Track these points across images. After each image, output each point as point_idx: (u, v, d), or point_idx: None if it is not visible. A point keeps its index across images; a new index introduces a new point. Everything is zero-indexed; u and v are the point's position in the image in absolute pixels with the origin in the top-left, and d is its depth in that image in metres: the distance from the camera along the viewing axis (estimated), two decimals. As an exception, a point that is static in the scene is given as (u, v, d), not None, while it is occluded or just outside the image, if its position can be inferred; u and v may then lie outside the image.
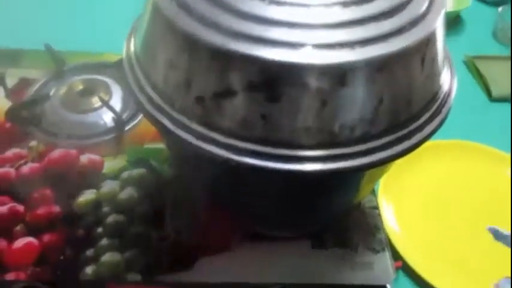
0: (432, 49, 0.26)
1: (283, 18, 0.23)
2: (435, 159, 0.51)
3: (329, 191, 0.32)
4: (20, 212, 0.40)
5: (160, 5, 0.26)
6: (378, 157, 0.26)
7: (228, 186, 0.32)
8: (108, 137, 0.47)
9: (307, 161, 0.25)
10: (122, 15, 0.49)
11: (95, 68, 0.54)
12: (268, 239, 0.40)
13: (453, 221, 0.47)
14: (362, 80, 0.23)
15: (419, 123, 0.27)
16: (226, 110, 0.25)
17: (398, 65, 0.24)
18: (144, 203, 0.42)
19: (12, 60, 0.55)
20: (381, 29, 0.24)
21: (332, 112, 0.24)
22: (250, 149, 0.25)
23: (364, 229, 0.42)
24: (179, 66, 0.25)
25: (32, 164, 0.44)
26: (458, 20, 0.74)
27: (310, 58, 0.23)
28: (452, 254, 0.44)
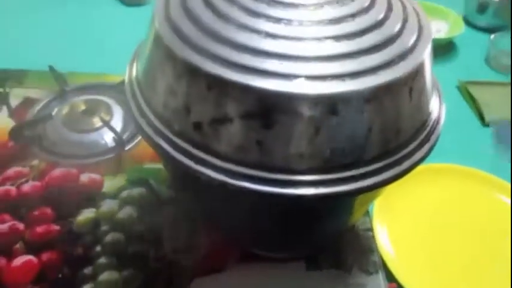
0: (420, 80, 0.27)
1: (278, 50, 0.25)
2: (429, 183, 0.52)
3: (323, 214, 0.33)
4: (19, 230, 0.41)
5: (162, 35, 0.27)
6: (369, 182, 0.27)
7: (224, 209, 0.33)
8: (109, 156, 0.48)
9: (301, 186, 0.26)
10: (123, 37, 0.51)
11: (97, 89, 0.55)
12: (264, 260, 0.40)
13: (447, 244, 0.47)
14: (352, 110, 0.25)
15: (409, 150, 0.28)
16: (223, 135, 0.26)
17: (387, 96, 0.25)
18: (143, 223, 0.43)
19: (16, 80, 0.56)
20: (370, 62, 0.25)
21: (324, 139, 0.25)
22: (246, 174, 0.26)
23: (358, 251, 0.43)
24: (178, 93, 0.27)
25: (32, 183, 0.45)
26: (451, 46, 0.76)
27: (303, 89, 0.24)
28: (446, 276, 0.44)
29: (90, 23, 0.75)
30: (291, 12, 0.26)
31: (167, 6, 0.29)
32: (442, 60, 0.73)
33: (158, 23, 0.28)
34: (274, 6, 0.26)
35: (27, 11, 0.75)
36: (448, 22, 0.77)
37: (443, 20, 0.77)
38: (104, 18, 0.77)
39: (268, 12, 0.26)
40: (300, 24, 0.26)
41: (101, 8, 0.79)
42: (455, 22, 0.76)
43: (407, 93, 0.27)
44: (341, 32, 0.26)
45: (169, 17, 0.28)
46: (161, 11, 0.29)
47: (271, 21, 0.26)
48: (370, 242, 0.43)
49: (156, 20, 0.28)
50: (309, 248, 0.40)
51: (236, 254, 0.41)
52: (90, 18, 0.76)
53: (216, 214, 0.36)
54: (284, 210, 0.31)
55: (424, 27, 0.29)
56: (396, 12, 0.29)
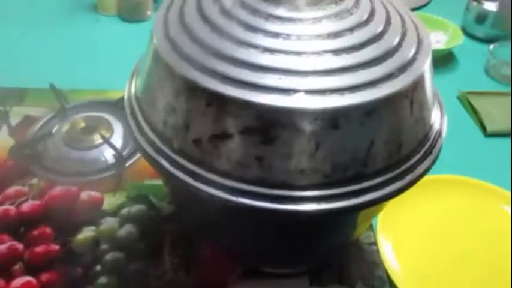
0: (420, 93, 0.27)
1: (277, 65, 0.25)
2: (432, 195, 0.51)
3: (325, 230, 0.32)
4: (19, 251, 0.41)
5: (160, 52, 0.27)
6: (371, 197, 0.26)
7: (225, 225, 0.33)
8: (109, 173, 0.48)
9: (302, 201, 0.25)
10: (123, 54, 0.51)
11: (97, 106, 0.55)
12: (266, 276, 0.40)
13: (453, 256, 0.46)
14: (352, 124, 0.24)
15: (411, 163, 0.28)
16: (223, 152, 0.25)
17: (387, 109, 0.25)
18: (143, 240, 0.42)
19: (16, 98, 0.56)
20: (369, 75, 0.25)
21: (325, 154, 0.25)
22: (247, 190, 0.25)
23: (362, 266, 0.42)
24: (178, 110, 0.26)
25: (32, 202, 0.45)
26: (451, 57, 0.76)
27: (303, 103, 0.24)
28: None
29: (90, 40, 0.76)
30: (289, 27, 0.26)
31: (166, 23, 0.29)
32: (442, 70, 0.73)
33: (157, 40, 0.28)
34: (272, 21, 0.26)
35: (27, 29, 0.76)
36: (447, 33, 0.77)
37: (442, 31, 0.78)
38: (104, 34, 0.77)
39: (266, 27, 0.26)
40: (298, 38, 0.26)
41: (102, 25, 0.80)
42: (454, 33, 0.76)
43: (408, 106, 0.26)
44: (340, 45, 0.26)
45: (168, 34, 0.28)
46: (160, 28, 0.29)
47: (270, 36, 0.26)
48: (375, 256, 0.43)
49: (154, 37, 0.28)
50: (311, 263, 0.40)
51: (238, 270, 0.40)
52: (91, 35, 0.77)
53: (216, 230, 0.35)
54: (286, 226, 0.30)
55: (423, 40, 0.29)
56: (395, 25, 0.29)
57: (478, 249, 0.47)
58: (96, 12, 0.82)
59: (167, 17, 0.29)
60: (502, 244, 0.48)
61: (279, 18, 0.27)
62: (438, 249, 0.47)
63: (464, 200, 0.52)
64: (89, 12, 0.82)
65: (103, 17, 0.81)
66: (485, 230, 0.49)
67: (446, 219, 0.50)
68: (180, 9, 0.29)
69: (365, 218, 0.35)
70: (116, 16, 0.82)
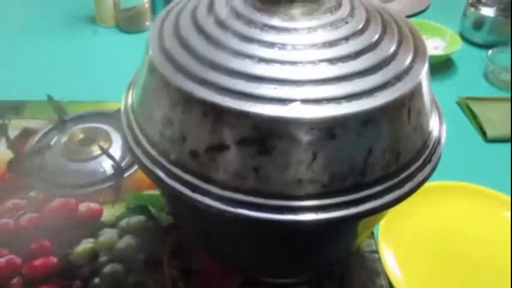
0: (418, 101, 0.27)
1: (272, 75, 0.24)
2: (433, 201, 0.51)
3: (325, 239, 0.32)
4: (17, 264, 0.40)
5: (155, 63, 0.27)
6: (370, 206, 0.26)
7: (223, 236, 0.32)
8: (108, 184, 0.48)
9: (300, 212, 0.25)
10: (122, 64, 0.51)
11: (96, 117, 0.55)
12: (266, 286, 0.39)
13: (456, 264, 0.46)
14: (349, 133, 0.24)
15: (410, 172, 0.28)
16: (220, 163, 0.25)
17: (384, 118, 0.25)
18: (142, 252, 0.42)
19: (15, 111, 0.56)
20: (366, 84, 0.25)
21: (322, 164, 0.25)
22: (244, 200, 0.25)
23: (364, 275, 0.41)
24: (174, 122, 0.26)
25: (30, 215, 0.44)
26: (449, 63, 0.76)
27: (299, 113, 0.24)
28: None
29: (89, 51, 0.76)
30: (284, 37, 0.26)
31: (161, 35, 0.29)
32: (440, 77, 0.73)
33: (152, 52, 0.28)
34: (267, 31, 0.26)
35: (25, 41, 0.76)
36: (444, 39, 0.77)
37: (440, 37, 0.78)
38: (102, 46, 0.78)
39: (262, 37, 0.26)
40: (293, 48, 0.26)
41: (100, 36, 0.80)
42: (452, 39, 0.76)
43: (405, 114, 0.26)
44: (335, 54, 0.26)
45: (163, 46, 0.28)
46: (155, 39, 0.29)
47: (265, 46, 0.26)
48: (376, 265, 0.42)
49: (150, 49, 0.28)
50: (312, 273, 0.39)
51: (237, 280, 0.39)
52: (89, 47, 0.77)
53: (215, 241, 0.35)
54: (285, 236, 0.30)
55: (419, 47, 0.29)
56: (391, 33, 0.29)
57: (481, 255, 0.47)
58: (94, 23, 0.82)
59: (162, 28, 0.29)
60: (505, 250, 0.47)
61: (274, 28, 0.26)
62: (440, 256, 0.46)
63: (466, 206, 0.51)
64: (87, 23, 0.82)
65: (101, 29, 0.81)
66: (487, 237, 0.49)
67: (447, 225, 0.50)
68: (175, 21, 0.29)
69: (366, 226, 0.35)
70: (114, 27, 0.82)
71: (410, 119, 0.27)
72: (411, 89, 0.26)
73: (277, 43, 0.26)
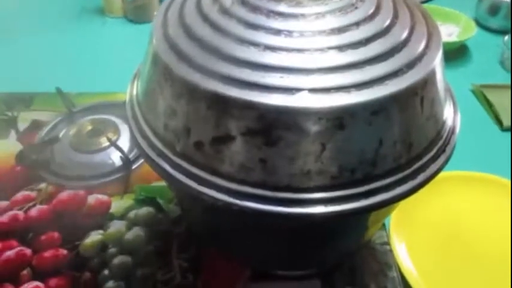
0: (431, 89, 0.26)
1: (279, 63, 0.24)
2: (447, 192, 0.50)
3: (336, 232, 0.31)
4: (27, 256, 0.40)
5: (159, 53, 0.27)
6: (381, 198, 0.25)
7: (231, 228, 0.32)
8: (116, 176, 0.48)
9: (308, 204, 0.25)
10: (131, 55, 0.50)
11: (104, 108, 0.55)
12: (276, 278, 0.39)
13: (469, 256, 0.45)
14: (360, 123, 0.23)
15: (423, 162, 0.27)
16: (225, 155, 0.25)
17: (396, 107, 0.24)
18: (151, 243, 0.42)
19: (24, 103, 0.56)
20: (377, 72, 0.24)
21: (331, 155, 0.24)
22: (251, 193, 0.25)
23: (375, 267, 0.41)
24: (178, 113, 0.26)
25: (40, 207, 0.44)
26: (464, 50, 0.74)
27: (307, 102, 0.23)
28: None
29: (97, 42, 0.76)
30: (291, 23, 0.25)
31: (165, 24, 0.28)
32: (454, 64, 0.71)
33: (156, 41, 0.27)
34: (273, 17, 0.25)
35: (33, 34, 0.76)
36: (459, 25, 0.75)
37: (454, 23, 0.76)
38: (111, 36, 0.77)
39: (268, 24, 0.25)
40: (300, 35, 0.25)
41: (108, 27, 0.80)
42: (466, 25, 0.74)
43: (418, 103, 0.25)
44: (345, 41, 0.25)
45: (167, 34, 0.27)
46: (159, 28, 0.28)
47: (271, 34, 0.25)
48: (388, 257, 0.41)
49: (154, 38, 0.28)
50: (323, 266, 0.38)
51: (247, 273, 0.39)
52: (98, 38, 0.77)
53: (223, 234, 0.34)
54: (294, 229, 0.29)
55: (433, 34, 0.28)
56: (403, 18, 0.27)
57: (495, 247, 0.46)
58: (103, 14, 0.82)
59: (166, 17, 0.29)
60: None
61: (281, 14, 0.26)
62: (454, 248, 0.45)
63: (481, 197, 0.50)
64: (95, 14, 0.82)
65: (109, 19, 0.81)
66: (502, 228, 0.47)
67: (462, 216, 0.49)
68: (179, 9, 0.28)
69: (377, 218, 0.34)
70: (123, 18, 0.82)
71: (423, 108, 0.25)
72: (424, 76, 0.25)
73: (283, 30, 0.25)
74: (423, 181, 0.26)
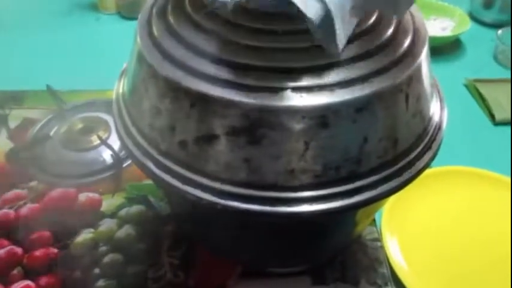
0: (417, 86, 0.26)
1: (261, 63, 0.23)
2: (440, 186, 0.50)
3: (323, 229, 0.31)
4: (17, 255, 0.40)
5: (144, 52, 0.26)
6: (367, 196, 0.25)
7: (219, 227, 0.32)
8: (107, 174, 0.48)
9: (293, 203, 0.25)
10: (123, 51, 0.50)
11: (95, 106, 0.55)
12: (267, 275, 0.39)
13: (461, 251, 0.45)
14: (343, 121, 0.23)
15: (409, 159, 0.27)
16: (209, 154, 0.25)
17: (380, 104, 0.24)
18: (142, 241, 0.42)
19: (15, 101, 0.56)
20: (361, 70, 0.24)
21: (315, 153, 0.24)
22: (235, 192, 0.25)
23: (366, 263, 0.41)
24: (162, 112, 0.25)
25: (31, 205, 0.44)
26: (458, 44, 0.74)
27: (289, 101, 0.23)
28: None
29: (91, 38, 0.75)
30: (275, 23, 0.25)
31: (149, 22, 0.28)
32: (448, 58, 0.71)
33: (140, 40, 0.27)
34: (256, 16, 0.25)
35: (26, 30, 0.75)
36: (453, 19, 0.75)
37: (448, 17, 0.75)
38: (105, 32, 0.77)
39: (250, 24, 0.25)
40: (283, 33, 0.24)
41: (102, 23, 0.79)
42: (461, 19, 0.74)
43: (403, 101, 0.25)
44: None
45: (152, 33, 0.27)
46: (144, 26, 0.28)
47: (253, 32, 0.24)
48: (378, 253, 0.42)
49: (138, 37, 0.28)
50: (313, 262, 0.39)
51: (237, 270, 0.39)
52: (91, 34, 0.76)
53: (211, 232, 0.34)
54: (282, 227, 0.29)
55: (419, 30, 0.27)
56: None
57: (487, 241, 0.46)
58: (96, 10, 0.81)
59: (151, 15, 0.28)
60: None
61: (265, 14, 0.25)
62: (445, 243, 0.45)
63: (472, 191, 0.50)
64: (88, 10, 0.81)
65: (103, 15, 0.80)
66: (493, 222, 0.48)
67: (453, 211, 0.49)
68: (163, 8, 0.28)
69: (365, 215, 0.34)
70: (116, 14, 0.81)
71: (409, 105, 0.25)
72: (409, 74, 0.25)
73: (266, 29, 0.25)
74: (409, 178, 0.26)
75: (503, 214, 0.48)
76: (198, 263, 0.40)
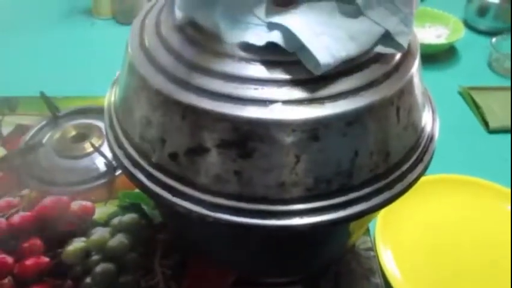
0: (408, 98, 0.26)
1: (252, 75, 0.23)
2: (434, 195, 0.50)
3: (316, 240, 0.31)
4: (8, 264, 0.40)
5: (135, 63, 0.26)
6: (358, 209, 0.25)
7: (211, 238, 0.32)
8: (100, 182, 0.47)
9: (284, 216, 0.24)
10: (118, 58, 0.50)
11: (89, 113, 0.55)
12: (260, 286, 0.39)
13: (455, 260, 0.45)
14: (334, 135, 0.23)
15: (400, 172, 0.27)
16: (200, 166, 0.24)
17: (371, 117, 0.24)
18: (134, 250, 0.41)
19: (8, 107, 0.56)
20: (351, 83, 0.24)
21: (306, 167, 0.24)
22: (226, 205, 0.24)
23: (359, 273, 0.41)
24: (153, 123, 0.25)
25: (23, 213, 0.44)
26: (452, 51, 0.74)
27: (280, 114, 0.23)
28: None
29: (85, 44, 0.75)
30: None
31: (141, 32, 0.28)
32: (443, 66, 0.71)
33: (132, 50, 0.27)
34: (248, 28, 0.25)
35: (20, 36, 0.75)
36: (448, 27, 0.75)
37: (443, 25, 0.76)
38: (100, 38, 0.77)
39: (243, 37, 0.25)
40: (275, 47, 0.24)
41: (97, 29, 0.79)
42: (455, 26, 0.74)
43: (394, 113, 0.25)
44: None
45: (143, 44, 0.27)
46: (135, 37, 0.28)
47: (245, 45, 0.24)
48: (372, 263, 0.41)
49: (129, 47, 0.27)
50: (304, 273, 0.38)
51: (230, 279, 0.39)
52: (86, 40, 0.76)
53: (203, 243, 0.34)
54: (273, 239, 0.29)
55: (410, 41, 0.27)
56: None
57: (481, 251, 0.46)
58: (91, 16, 0.81)
59: (144, 24, 0.28)
60: (506, 246, 0.46)
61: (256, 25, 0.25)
62: (439, 252, 0.45)
63: (466, 200, 0.50)
64: (83, 16, 0.81)
65: (98, 21, 0.80)
66: (487, 231, 0.48)
67: (447, 220, 0.49)
68: (156, 18, 0.28)
69: (358, 226, 0.34)
70: (111, 19, 0.81)
71: (400, 118, 0.25)
72: (400, 87, 0.25)
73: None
74: (401, 191, 0.26)
75: (498, 222, 0.48)
76: (190, 273, 0.39)
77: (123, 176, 0.48)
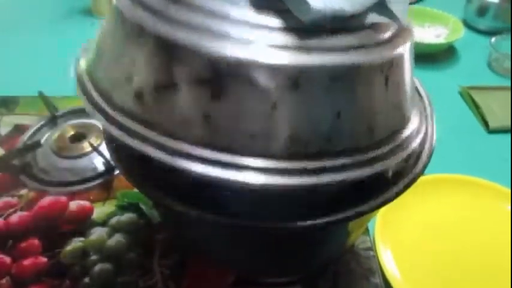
0: (397, 73, 0.25)
1: (242, 17, 0.22)
2: (433, 195, 0.50)
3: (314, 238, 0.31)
4: (6, 264, 0.40)
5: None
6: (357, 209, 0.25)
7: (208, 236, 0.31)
8: (98, 181, 0.47)
9: (248, 171, 0.22)
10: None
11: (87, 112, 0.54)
12: (259, 285, 0.39)
13: (456, 260, 0.44)
14: (317, 87, 0.22)
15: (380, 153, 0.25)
16: (166, 106, 0.23)
17: (358, 79, 0.23)
18: (133, 250, 0.41)
19: (7, 107, 0.55)
20: (344, 40, 0.22)
21: (282, 117, 0.22)
22: (189, 153, 0.22)
23: (358, 273, 0.40)
24: (123, 57, 0.24)
25: (21, 213, 0.44)
26: (452, 51, 0.74)
27: (262, 57, 0.21)
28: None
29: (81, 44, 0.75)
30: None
31: None
32: (442, 66, 0.71)
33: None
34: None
35: (19, 35, 0.75)
36: (447, 27, 0.75)
37: (442, 24, 0.76)
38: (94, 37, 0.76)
39: None
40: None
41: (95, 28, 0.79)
42: (454, 26, 0.74)
43: (382, 83, 0.24)
44: None
45: None
46: None
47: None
48: (371, 263, 0.41)
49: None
50: (303, 272, 0.38)
51: (229, 279, 0.39)
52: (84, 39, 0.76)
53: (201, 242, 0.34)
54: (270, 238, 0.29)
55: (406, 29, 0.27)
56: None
57: (481, 250, 0.45)
58: (91, 15, 0.81)
59: None
60: (505, 245, 0.46)
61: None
62: (439, 252, 0.45)
63: (466, 200, 0.50)
64: (83, 15, 0.81)
65: (98, 20, 0.80)
66: (487, 231, 0.47)
67: (447, 220, 0.48)
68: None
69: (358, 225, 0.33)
70: (111, 20, 0.81)
71: (388, 89, 0.24)
72: (390, 56, 0.24)
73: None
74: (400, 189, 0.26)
75: (498, 222, 0.48)
76: (189, 273, 0.39)
77: (121, 176, 0.48)
